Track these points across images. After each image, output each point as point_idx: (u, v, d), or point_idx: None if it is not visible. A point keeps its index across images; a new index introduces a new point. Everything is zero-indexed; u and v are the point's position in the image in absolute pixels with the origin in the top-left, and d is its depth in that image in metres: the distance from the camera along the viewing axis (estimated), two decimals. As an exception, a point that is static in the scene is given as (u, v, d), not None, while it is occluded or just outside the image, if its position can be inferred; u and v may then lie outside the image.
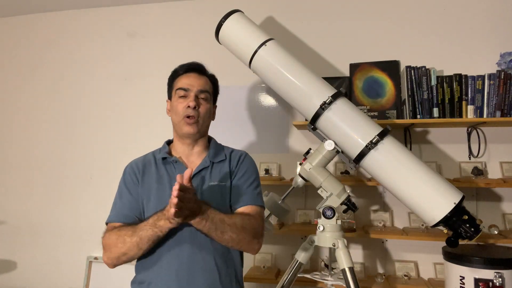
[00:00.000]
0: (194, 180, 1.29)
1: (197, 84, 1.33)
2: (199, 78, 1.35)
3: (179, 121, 1.32)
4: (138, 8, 2.55)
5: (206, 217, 1.11)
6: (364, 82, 2.14)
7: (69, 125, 2.59)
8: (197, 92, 1.32)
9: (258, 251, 1.27)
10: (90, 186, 2.52)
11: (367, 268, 2.14)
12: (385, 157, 1.58)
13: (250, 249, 1.25)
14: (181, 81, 1.34)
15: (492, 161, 2.06)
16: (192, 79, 1.34)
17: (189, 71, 1.36)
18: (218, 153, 1.37)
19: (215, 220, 1.13)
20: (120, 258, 1.19)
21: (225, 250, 1.26)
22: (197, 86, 1.33)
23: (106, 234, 1.23)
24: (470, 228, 1.51)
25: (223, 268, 1.25)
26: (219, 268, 1.24)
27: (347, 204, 1.65)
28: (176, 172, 1.29)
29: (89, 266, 2.43)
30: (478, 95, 1.93)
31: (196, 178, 1.30)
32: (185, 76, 1.35)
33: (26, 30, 2.70)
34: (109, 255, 1.20)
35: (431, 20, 2.17)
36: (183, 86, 1.32)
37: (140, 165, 1.35)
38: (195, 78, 1.34)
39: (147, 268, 1.26)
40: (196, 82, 1.33)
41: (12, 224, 2.62)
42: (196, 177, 1.30)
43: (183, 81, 1.34)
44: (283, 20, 2.34)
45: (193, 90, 1.32)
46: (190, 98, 1.31)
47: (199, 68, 1.38)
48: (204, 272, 1.22)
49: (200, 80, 1.34)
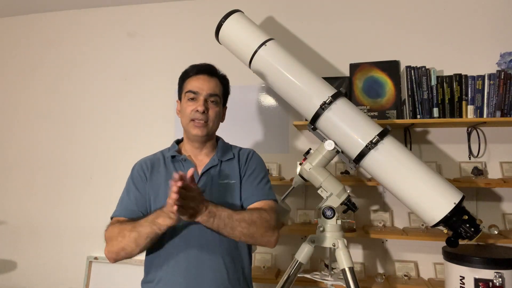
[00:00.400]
0: (203, 178, 1.30)
1: (207, 87, 1.32)
2: (209, 81, 1.33)
3: (187, 123, 1.32)
4: (138, 8, 2.55)
5: (213, 215, 1.11)
6: (364, 82, 2.14)
7: (69, 125, 2.59)
8: (207, 96, 1.31)
9: (275, 243, 1.25)
10: (90, 186, 2.52)
11: (367, 268, 2.14)
12: (385, 157, 1.58)
13: (265, 242, 1.23)
14: (191, 83, 1.33)
15: (492, 161, 2.06)
16: (202, 82, 1.32)
17: (200, 73, 1.34)
18: (226, 152, 1.38)
19: (222, 217, 1.13)
20: (119, 253, 1.19)
21: (234, 249, 1.26)
22: (207, 89, 1.31)
23: (110, 228, 1.23)
24: (470, 228, 1.51)
25: (231, 267, 1.26)
26: (227, 267, 1.24)
27: (347, 204, 1.66)
28: (185, 170, 1.30)
29: (89, 266, 2.43)
30: (478, 95, 1.93)
31: (205, 176, 1.31)
32: (195, 78, 1.34)
33: (26, 30, 2.70)
34: (110, 248, 1.20)
35: (431, 20, 2.17)
36: (193, 89, 1.31)
37: (149, 163, 1.36)
38: (205, 81, 1.33)
39: (156, 266, 1.26)
40: (206, 85, 1.32)
41: (12, 224, 2.62)
42: (205, 175, 1.31)
43: (193, 84, 1.32)
44: (283, 20, 2.34)
45: (203, 93, 1.31)
46: (200, 102, 1.30)
47: (210, 69, 1.36)
48: (212, 271, 1.22)
49: (210, 83, 1.33)
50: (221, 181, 1.31)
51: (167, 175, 1.31)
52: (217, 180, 1.31)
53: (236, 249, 1.28)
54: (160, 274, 1.24)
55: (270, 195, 1.32)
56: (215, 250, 1.23)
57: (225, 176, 1.32)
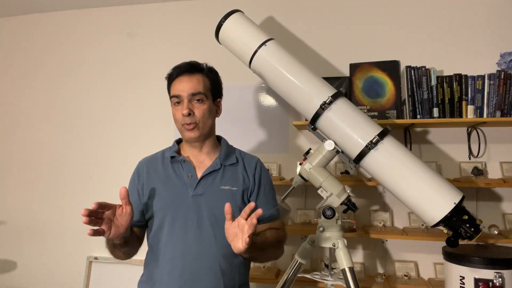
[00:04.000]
0: (204, 181, 1.29)
1: (188, 88, 1.28)
2: (190, 80, 1.30)
3: (180, 128, 1.32)
4: (138, 8, 2.55)
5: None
6: (364, 82, 2.14)
7: (69, 125, 2.59)
8: (189, 96, 1.28)
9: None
10: (90, 186, 2.52)
11: (367, 268, 2.14)
12: (385, 157, 1.58)
13: (278, 257, 1.35)
14: (173, 87, 1.32)
15: (492, 161, 2.06)
16: (183, 84, 1.29)
17: (180, 74, 1.31)
18: (229, 155, 1.36)
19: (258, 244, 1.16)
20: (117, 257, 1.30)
21: (230, 254, 1.23)
22: (188, 90, 1.28)
23: None
24: (470, 228, 1.50)
25: (227, 272, 1.25)
26: (223, 271, 1.23)
27: (347, 204, 1.65)
28: (183, 172, 1.30)
29: (89, 266, 2.43)
30: (478, 95, 1.93)
31: (206, 180, 1.29)
32: (177, 81, 1.31)
33: (26, 30, 2.70)
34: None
35: (431, 20, 2.17)
36: (175, 93, 1.30)
37: (148, 164, 1.36)
38: (186, 82, 1.29)
39: (152, 268, 1.27)
40: (187, 85, 1.28)
41: (12, 224, 2.62)
42: (206, 179, 1.29)
43: (175, 88, 1.31)
44: (283, 20, 2.34)
45: (184, 95, 1.28)
46: (183, 105, 1.28)
47: (190, 68, 1.32)
48: (208, 276, 1.22)
49: (191, 83, 1.29)
50: (223, 187, 1.29)
51: (164, 177, 1.31)
52: (218, 186, 1.29)
53: (234, 254, 1.24)
54: (156, 277, 1.25)
55: (280, 213, 1.42)
56: (212, 254, 1.23)
57: (226, 182, 1.30)
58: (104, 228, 1.08)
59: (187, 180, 1.29)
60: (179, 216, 1.25)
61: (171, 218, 1.25)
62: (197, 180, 1.28)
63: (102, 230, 1.08)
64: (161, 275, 1.24)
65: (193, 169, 1.31)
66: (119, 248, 1.21)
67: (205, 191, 1.27)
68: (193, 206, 1.25)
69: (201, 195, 1.27)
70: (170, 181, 1.30)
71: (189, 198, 1.26)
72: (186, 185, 1.28)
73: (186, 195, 1.27)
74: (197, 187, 1.27)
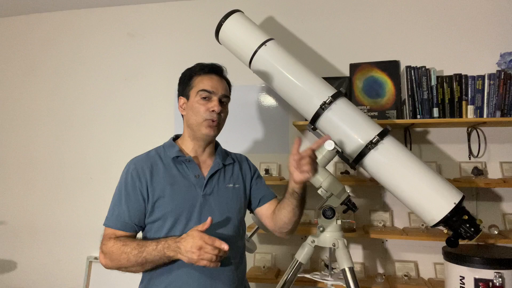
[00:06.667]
0: (210, 181, 1.30)
1: (221, 88, 1.31)
2: (221, 81, 1.32)
3: (200, 122, 1.28)
4: (138, 8, 2.55)
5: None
6: (364, 82, 2.14)
7: (69, 125, 2.59)
8: (221, 96, 1.30)
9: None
10: (90, 186, 2.52)
11: (367, 268, 2.14)
12: (385, 157, 1.58)
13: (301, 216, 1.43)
14: (203, 82, 1.30)
15: (492, 161, 2.06)
16: (216, 82, 1.30)
17: (211, 73, 1.32)
18: (225, 157, 1.40)
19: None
20: (120, 269, 1.20)
21: (240, 259, 1.33)
22: (221, 90, 1.30)
23: (108, 243, 1.20)
24: (470, 228, 1.50)
25: (239, 265, 1.32)
26: (237, 265, 1.30)
27: (347, 204, 1.65)
28: (189, 172, 1.28)
29: (89, 266, 2.43)
30: (478, 95, 1.93)
31: (212, 179, 1.31)
32: (207, 77, 1.30)
33: (26, 30, 2.70)
34: (109, 263, 1.20)
35: (431, 20, 2.17)
36: (208, 88, 1.28)
37: (147, 165, 1.28)
38: (218, 82, 1.31)
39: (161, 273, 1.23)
40: (220, 85, 1.31)
41: (12, 224, 2.62)
42: (212, 178, 1.31)
43: (207, 83, 1.29)
44: (283, 20, 2.34)
45: (218, 94, 1.29)
46: (215, 102, 1.28)
47: (221, 71, 1.35)
48: (224, 275, 1.25)
49: (223, 84, 1.32)
50: (227, 185, 1.33)
51: (170, 178, 1.26)
52: (223, 184, 1.32)
53: (242, 258, 1.35)
54: (169, 280, 1.22)
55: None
56: (229, 262, 1.25)
57: (229, 181, 1.34)
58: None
59: (194, 180, 1.28)
60: (193, 217, 1.24)
61: (185, 219, 1.23)
62: (205, 180, 1.28)
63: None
64: (175, 278, 1.21)
65: (198, 169, 1.30)
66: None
67: (213, 190, 1.29)
68: (205, 205, 1.26)
69: (210, 194, 1.28)
70: (177, 182, 1.27)
71: (200, 198, 1.26)
72: (194, 185, 1.27)
73: (196, 195, 1.26)
74: (206, 186, 1.28)
